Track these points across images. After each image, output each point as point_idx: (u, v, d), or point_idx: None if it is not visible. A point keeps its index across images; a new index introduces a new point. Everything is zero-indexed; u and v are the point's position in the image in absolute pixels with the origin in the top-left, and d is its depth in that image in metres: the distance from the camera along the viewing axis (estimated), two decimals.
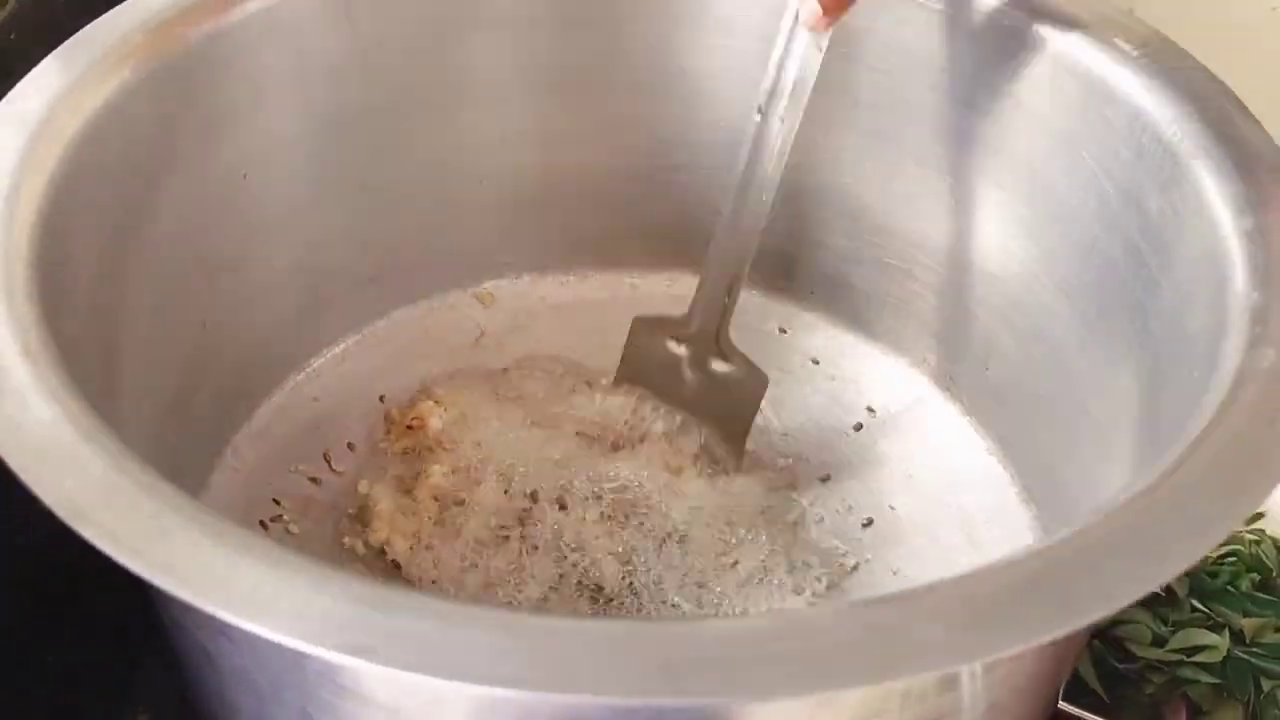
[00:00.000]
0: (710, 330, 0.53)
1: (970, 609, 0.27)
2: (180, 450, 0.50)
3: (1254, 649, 0.52)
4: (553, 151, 0.60)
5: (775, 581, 0.50)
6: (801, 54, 0.47)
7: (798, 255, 0.60)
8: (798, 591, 0.50)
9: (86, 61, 0.43)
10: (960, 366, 0.57)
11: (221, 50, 0.48)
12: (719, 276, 0.52)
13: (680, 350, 0.54)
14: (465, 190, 0.59)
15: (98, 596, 0.47)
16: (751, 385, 0.53)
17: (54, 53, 0.43)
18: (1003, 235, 0.53)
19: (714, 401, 0.53)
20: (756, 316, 0.61)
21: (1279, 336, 0.35)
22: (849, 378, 0.59)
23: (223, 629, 0.32)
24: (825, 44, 0.47)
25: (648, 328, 0.55)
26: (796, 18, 0.47)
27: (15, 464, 0.29)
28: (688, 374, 0.53)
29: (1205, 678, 0.51)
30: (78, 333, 0.38)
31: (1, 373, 0.32)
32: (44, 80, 0.42)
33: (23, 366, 0.32)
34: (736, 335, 0.61)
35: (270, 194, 0.53)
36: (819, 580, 0.50)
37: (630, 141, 0.60)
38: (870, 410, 0.58)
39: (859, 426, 0.57)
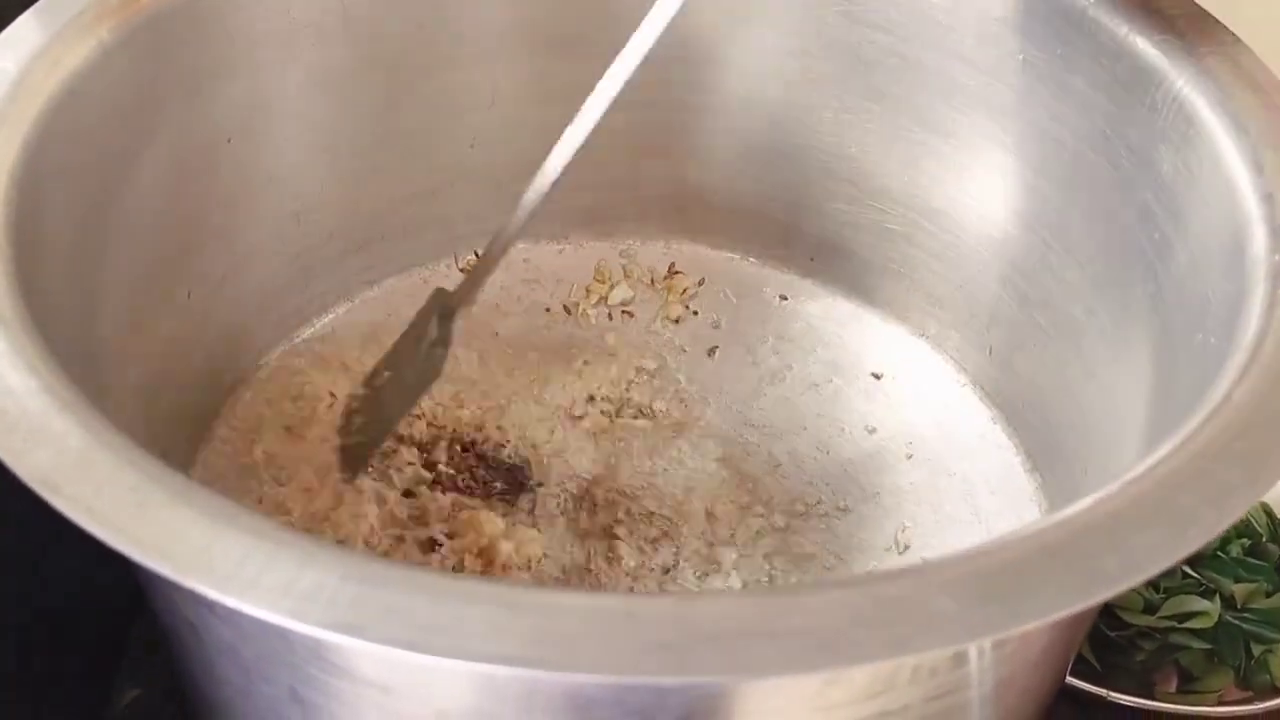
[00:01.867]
0: (458, 300, 0.48)
1: (985, 582, 0.26)
2: (167, 421, 0.49)
3: (1244, 614, 0.52)
4: (543, 114, 0.58)
5: (774, 551, 0.49)
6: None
7: (797, 221, 0.59)
8: (794, 563, 0.49)
9: (63, 19, 0.41)
10: (964, 333, 0.56)
11: (205, 9, 0.46)
12: (495, 249, 0.48)
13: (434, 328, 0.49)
14: (456, 154, 0.58)
15: (84, 571, 0.47)
16: (426, 371, 0.49)
17: (30, 10, 0.42)
18: (1008, 198, 0.52)
19: (409, 372, 0.49)
20: (756, 284, 0.60)
21: None
22: (850, 345, 0.58)
23: (207, 603, 0.31)
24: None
25: (434, 300, 0.50)
26: None
27: None
28: (421, 350, 0.49)
29: (1196, 644, 0.52)
30: (55, 301, 0.37)
31: None
32: (19, 38, 0.40)
33: None
34: (737, 301, 0.60)
35: (255, 159, 0.51)
36: (814, 547, 0.50)
37: (623, 105, 0.58)
38: (874, 376, 0.56)
39: (861, 393, 0.56)
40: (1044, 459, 0.52)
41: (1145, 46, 0.43)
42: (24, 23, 0.41)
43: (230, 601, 0.25)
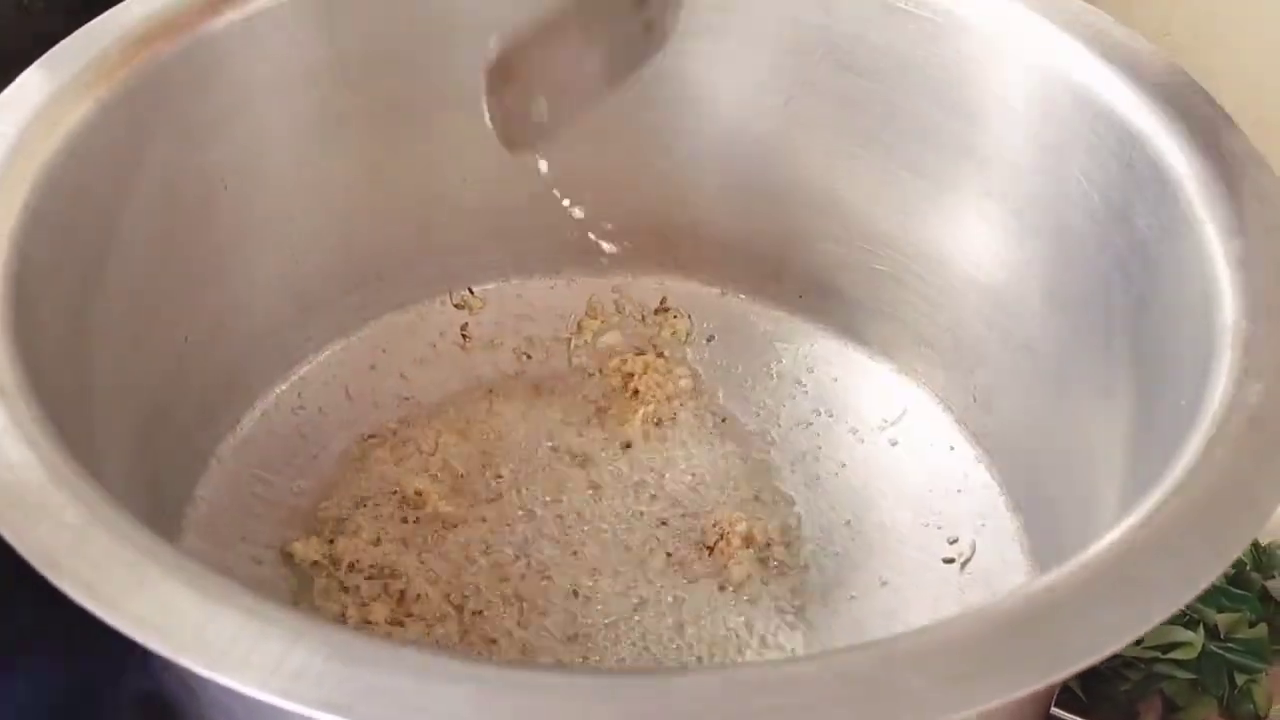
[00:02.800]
0: None
1: (952, 658, 0.27)
2: (163, 462, 0.50)
3: (1228, 644, 0.53)
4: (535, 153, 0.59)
5: (759, 592, 0.50)
6: None
7: (787, 259, 0.60)
8: (780, 609, 0.50)
9: (61, 79, 0.42)
10: (950, 374, 0.57)
11: (201, 61, 0.47)
12: None
13: None
14: (449, 193, 0.59)
15: None
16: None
17: (28, 70, 0.43)
18: (993, 244, 0.53)
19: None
20: (744, 320, 0.61)
21: (1267, 369, 0.34)
22: (838, 383, 0.59)
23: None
24: None
25: None
26: None
27: None
28: None
29: (1180, 674, 0.52)
30: (51, 356, 0.38)
31: None
32: (19, 99, 0.41)
33: None
34: (723, 338, 0.61)
35: (251, 204, 0.52)
36: (802, 591, 0.51)
37: (613, 145, 0.59)
38: (858, 416, 0.57)
39: (848, 432, 0.57)
40: (1026, 499, 0.53)
41: (1125, 106, 0.44)
42: (24, 82, 0.42)
43: (224, 681, 0.26)
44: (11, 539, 0.29)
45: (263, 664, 0.27)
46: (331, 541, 0.52)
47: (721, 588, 0.50)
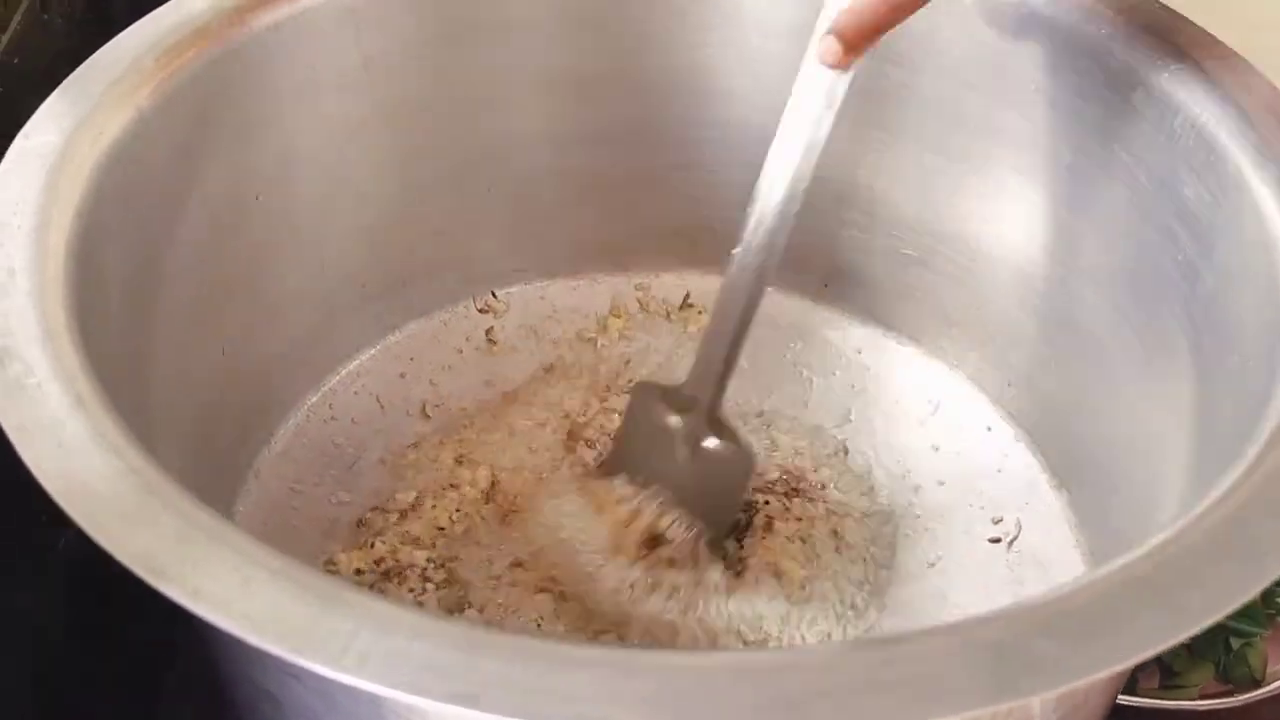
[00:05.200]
0: (704, 403, 0.49)
1: (1081, 621, 0.27)
2: (206, 478, 0.49)
3: None
4: (560, 154, 0.59)
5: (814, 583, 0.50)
6: (818, 98, 0.43)
7: (810, 249, 0.60)
8: (831, 596, 0.50)
9: (99, 90, 0.42)
10: (982, 354, 0.57)
11: (234, 69, 0.47)
12: (716, 347, 0.48)
13: (675, 422, 0.49)
14: (474, 197, 0.58)
15: (124, 625, 0.47)
16: (739, 464, 0.49)
17: (64, 83, 0.42)
18: (1023, 222, 0.53)
19: (702, 478, 0.49)
20: (769, 311, 0.60)
21: None
22: (869, 370, 0.59)
23: (295, 673, 0.31)
24: (844, 88, 0.43)
25: (647, 394, 0.51)
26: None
27: (87, 524, 0.28)
28: (680, 449, 0.49)
29: None
30: (114, 371, 0.37)
31: (58, 427, 0.31)
32: (60, 111, 0.41)
33: (77, 419, 0.31)
34: (752, 330, 0.61)
35: (282, 211, 0.51)
36: (858, 579, 0.51)
37: (636, 141, 0.59)
38: (892, 401, 0.57)
39: (883, 418, 0.57)
40: (1071, 475, 0.53)
41: (1160, 76, 0.44)
42: (63, 94, 0.41)
43: (345, 679, 0.26)
44: (112, 549, 0.28)
45: (384, 660, 0.26)
46: (372, 546, 0.51)
47: (776, 575, 0.50)
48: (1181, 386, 0.43)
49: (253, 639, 0.26)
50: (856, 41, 0.41)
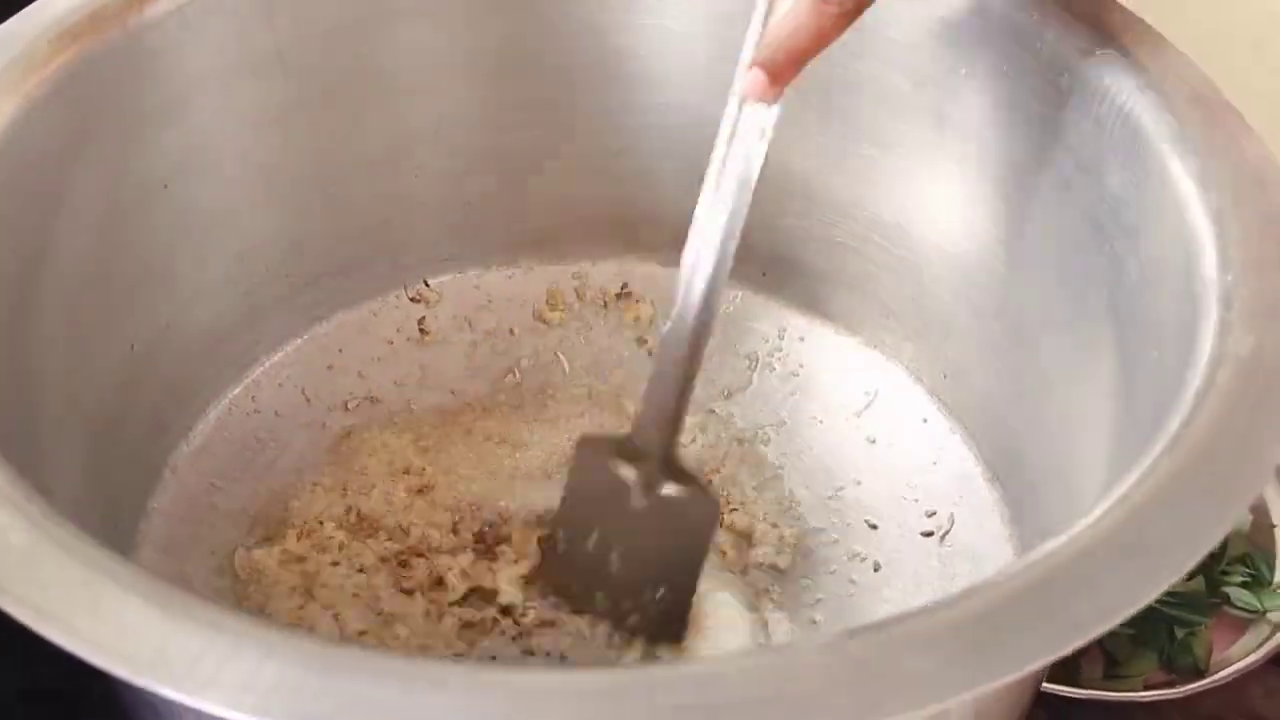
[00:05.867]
0: (658, 449, 0.45)
1: (956, 637, 0.26)
2: (116, 476, 0.48)
3: (1167, 598, 0.53)
4: (488, 140, 0.58)
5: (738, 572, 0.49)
6: (749, 133, 0.42)
7: (748, 235, 0.58)
8: (762, 588, 0.49)
9: None
10: (919, 345, 0.56)
11: (135, 55, 0.45)
12: (667, 387, 0.45)
13: (629, 473, 0.46)
14: (401, 184, 0.57)
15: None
16: (705, 510, 0.46)
17: None
18: (957, 210, 0.52)
19: (662, 530, 0.46)
20: None
21: (1254, 321, 0.34)
22: (805, 359, 0.58)
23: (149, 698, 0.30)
24: (774, 121, 0.41)
25: (594, 447, 0.47)
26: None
27: None
28: (637, 500, 0.46)
29: (1121, 629, 0.52)
30: None
31: None
32: None
33: None
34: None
35: (194, 203, 0.50)
36: (782, 569, 0.50)
37: (567, 127, 0.58)
38: (827, 391, 0.56)
39: (819, 408, 0.56)
40: (1004, 470, 0.52)
41: (1087, 61, 0.43)
42: None
43: (190, 701, 0.25)
44: None
45: (234, 681, 0.25)
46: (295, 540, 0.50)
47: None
48: (1105, 381, 0.42)
49: (94, 660, 0.25)
50: (782, 73, 0.40)
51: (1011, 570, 0.28)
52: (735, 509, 0.52)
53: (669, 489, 0.45)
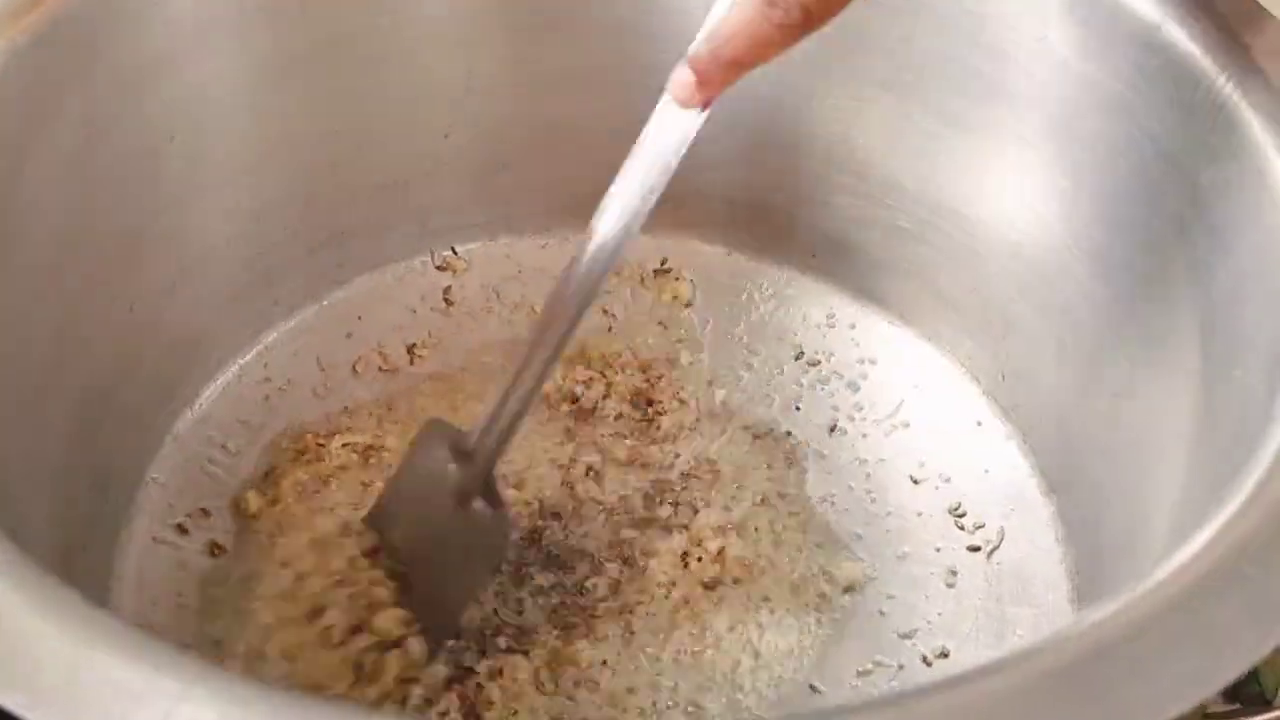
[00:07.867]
0: (483, 460, 0.43)
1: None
2: (110, 444, 0.46)
3: None
4: (526, 100, 0.54)
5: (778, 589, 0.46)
6: (669, 139, 0.38)
7: (797, 216, 0.55)
8: (806, 604, 0.46)
9: None
10: (977, 340, 0.52)
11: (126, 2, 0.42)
12: (512, 402, 0.42)
13: (454, 470, 0.43)
14: (429, 144, 0.54)
15: None
16: (496, 532, 0.44)
17: None
18: (1027, 198, 0.48)
19: (458, 540, 0.44)
20: (752, 282, 0.56)
21: None
22: (854, 350, 0.54)
23: None
24: (697, 126, 0.37)
25: (435, 434, 0.45)
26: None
27: None
28: (449, 499, 0.43)
29: None
30: None
31: None
32: None
33: None
34: (728, 301, 0.56)
35: (202, 157, 0.47)
36: (829, 583, 0.46)
37: (610, 87, 0.54)
38: (876, 386, 0.52)
39: (866, 404, 0.52)
40: (1062, 483, 0.48)
41: (1183, 39, 0.38)
42: None
43: None
44: None
45: None
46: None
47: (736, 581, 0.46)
48: (1182, 398, 0.38)
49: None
50: (712, 79, 0.35)
51: (1061, 637, 0.24)
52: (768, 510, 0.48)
53: (478, 503, 0.43)
